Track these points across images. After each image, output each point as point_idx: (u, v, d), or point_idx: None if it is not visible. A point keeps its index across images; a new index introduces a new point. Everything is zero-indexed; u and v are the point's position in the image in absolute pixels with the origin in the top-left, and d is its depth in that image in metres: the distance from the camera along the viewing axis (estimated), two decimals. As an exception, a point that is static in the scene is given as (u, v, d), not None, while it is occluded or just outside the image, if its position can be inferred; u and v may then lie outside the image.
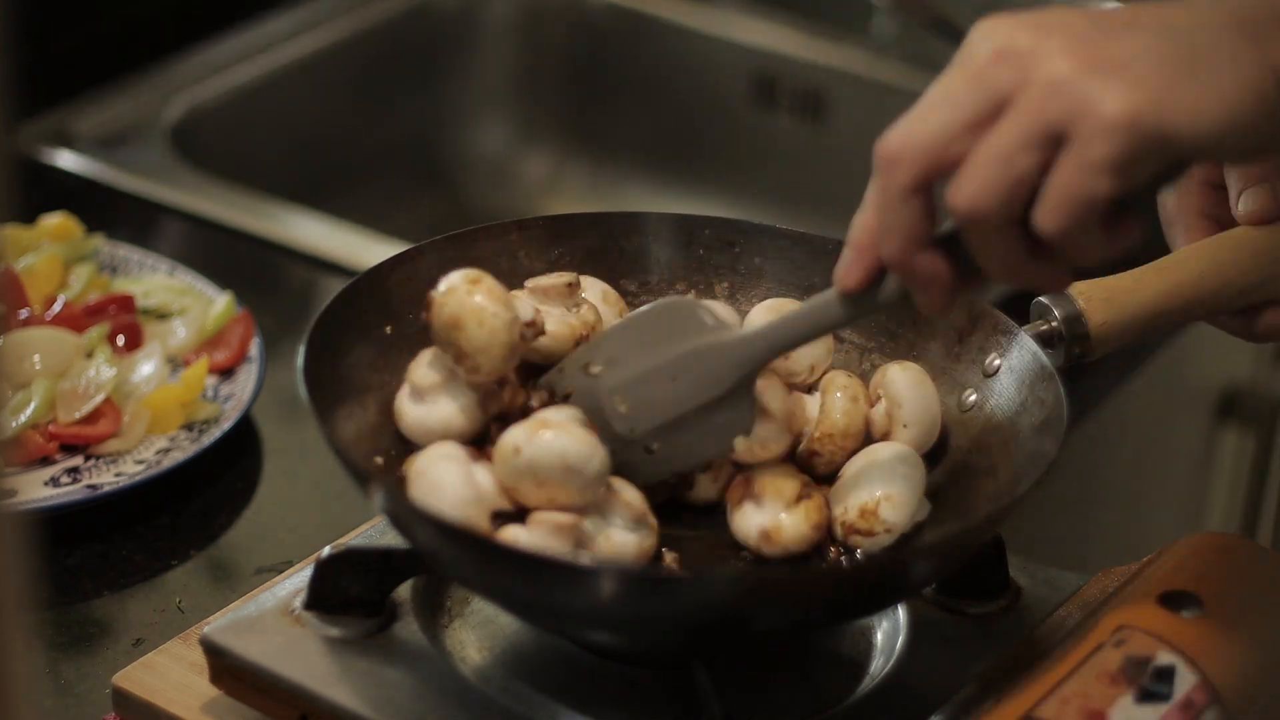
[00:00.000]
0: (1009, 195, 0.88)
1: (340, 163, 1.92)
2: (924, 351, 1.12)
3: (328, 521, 1.25)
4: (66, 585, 1.20)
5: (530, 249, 1.15)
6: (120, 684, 1.05)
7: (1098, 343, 1.08)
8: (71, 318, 1.35)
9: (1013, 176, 0.88)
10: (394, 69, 1.95)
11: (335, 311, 1.06)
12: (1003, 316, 1.09)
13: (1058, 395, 1.03)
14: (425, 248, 1.12)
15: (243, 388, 1.33)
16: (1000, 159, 0.88)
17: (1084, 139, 0.87)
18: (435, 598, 1.07)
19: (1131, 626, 0.99)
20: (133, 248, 1.44)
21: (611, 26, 2.00)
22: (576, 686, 1.02)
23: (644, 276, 1.16)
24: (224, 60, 1.82)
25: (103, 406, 1.29)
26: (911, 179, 0.90)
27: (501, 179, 2.03)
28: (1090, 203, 0.87)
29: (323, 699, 1.00)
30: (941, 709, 0.98)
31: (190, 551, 1.24)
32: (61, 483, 1.25)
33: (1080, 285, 1.09)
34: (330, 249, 1.57)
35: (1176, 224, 1.12)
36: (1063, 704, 0.95)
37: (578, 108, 2.04)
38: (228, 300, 1.38)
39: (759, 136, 1.95)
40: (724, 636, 1.00)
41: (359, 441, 1.05)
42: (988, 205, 0.89)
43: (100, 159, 1.66)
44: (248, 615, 1.04)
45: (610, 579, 0.94)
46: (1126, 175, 0.87)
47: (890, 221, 0.92)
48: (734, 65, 1.95)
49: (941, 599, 1.07)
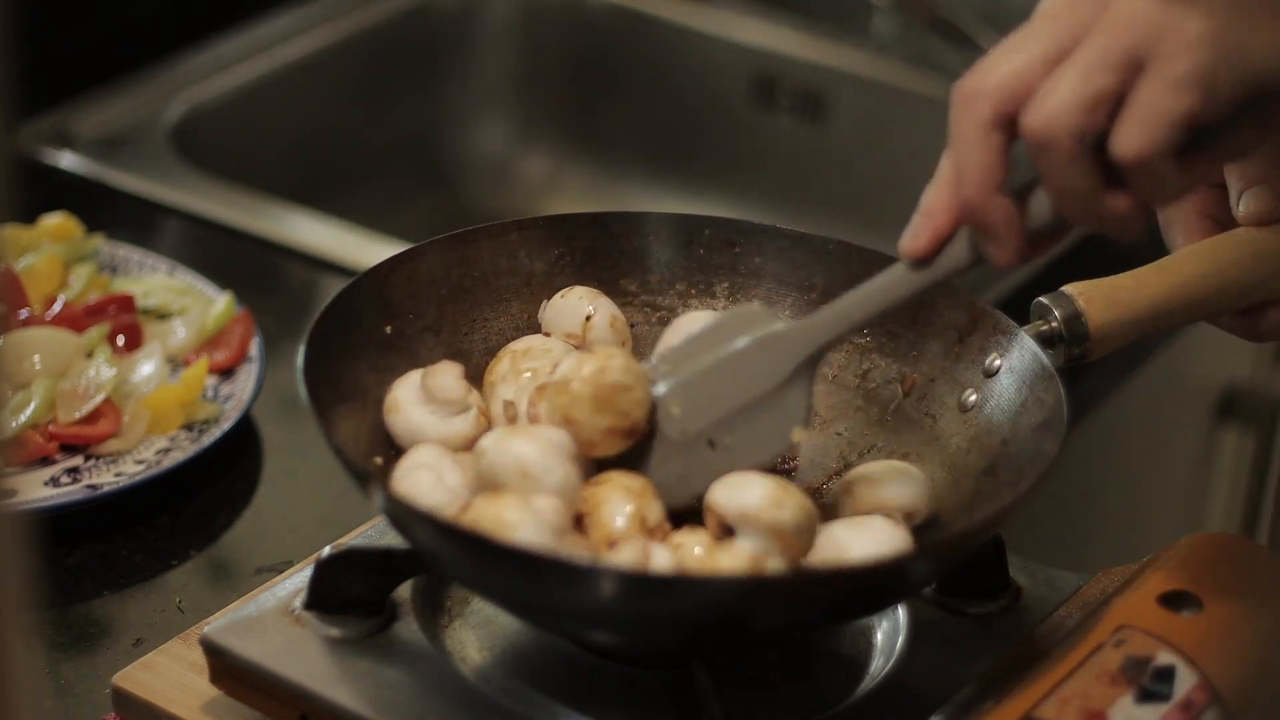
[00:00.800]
0: (1086, 114, 0.88)
1: (340, 163, 1.92)
2: (924, 351, 1.12)
3: (328, 521, 1.25)
4: (66, 585, 1.20)
5: (530, 249, 1.15)
6: (120, 684, 1.05)
7: (1098, 343, 1.08)
8: (71, 318, 1.35)
9: (1091, 94, 0.87)
10: (394, 69, 1.95)
11: (335, 312, 1.06)
12: (1003, 316, 1.09)
13: (1058, 395, 1.03)
14: (425, 248, 1.12)
15: (243, 388, 1.33)
16: (1079, 76, 0.87)
17: (1166, 56, 0.86)
18: (435, 598, 1.07)
19: (1131, 626, 0.99)
20: (133, 248, 1.44)
21: (611, 26, 2.00)
22: (576, 686, 1.02)
23: (644, 276, 1.16)
24: (224, 60, 1.82)
25: (103, 406, 1.29)
26: (989, 114, 0.89)
27: (501, 179, 2.03)
28: (1172, 120, 0.87)
29: (323, 699, 1.00)
30: (941, 709, 0.98)
31: (190, 551, 1.24)
32: (61, 483, 1.25)
33: (1080, 285, 1.09)
34: (330, 249, 1.57)
35: (1176, 224, 1.11)
36: (1063, 704, 0.95)
37: (578, 108, 2.04)
38: (228, 300, 1.38)
39: (759, 136, 1.95)
40: (724, 636, 1.00)
41: (359, 441, 1.05)
42: (1063, 124, 0.88)
43: (100, 159, 1.66)
44: (248, 615, 1.04)
45: (610, 579, 0.93)
46: (1208, 91, 0.87)
47: (967, 160, 0.91)
48: (734, 65, 1.95)
49: (941, 599, 1.07)
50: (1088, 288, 1.08)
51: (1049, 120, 0.88)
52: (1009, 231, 0.92)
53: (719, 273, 1.16)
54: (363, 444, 1.05)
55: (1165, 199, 0.91)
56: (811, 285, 1.14)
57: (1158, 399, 1.75)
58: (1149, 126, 0.87)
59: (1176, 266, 1.09)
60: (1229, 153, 0.95)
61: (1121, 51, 0.87)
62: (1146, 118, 0.87)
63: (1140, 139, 0.87)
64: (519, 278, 1.15)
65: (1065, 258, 1.57)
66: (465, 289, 1.13)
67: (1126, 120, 0.88)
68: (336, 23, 1.90)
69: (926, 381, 1.12)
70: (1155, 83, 0.87)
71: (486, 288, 1.14)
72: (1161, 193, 0.90)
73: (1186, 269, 1.09)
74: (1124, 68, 0.88)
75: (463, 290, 1.13)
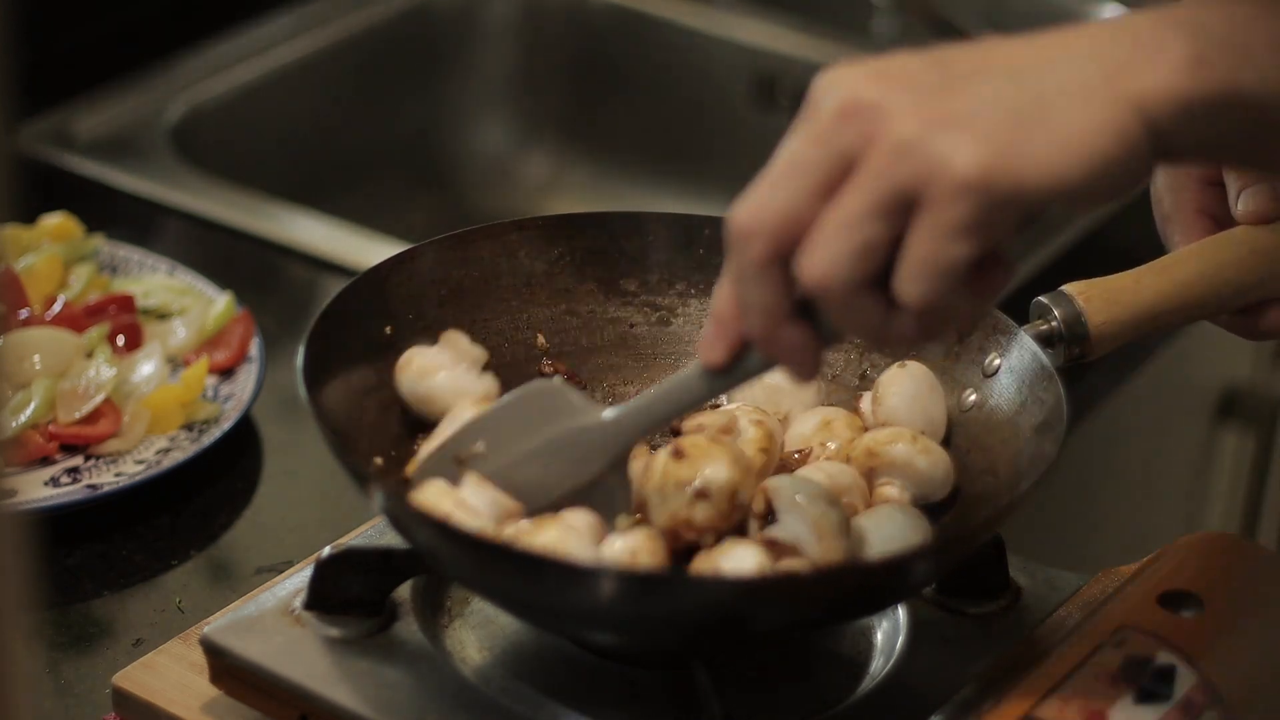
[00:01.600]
0: (859, 265, 0.85)
1: (340, 163, 1.92)
2: (923, 351, 1.12)
3: (328, 521, 1.25)
4: (66, 585, 1.20)
5: (530, 249, 1.15)
6: (120, 684, 1.05)
7: (1097, 342, 1.08)
8: (71, 318, 1.35)
9: (862, 246, 0.85)
10: (394, 69, 1.95)
11: (335, 312, 1.06)
12: (1002, 316, 1.09)
13: (1058, 395, 1.03)
14: (424, 248, 1.12)
15: (243, 388, 1.33)
16: (848, 228, 0.85)
17: (936, 203, 0.83)
18: (435, 598, 1.07)
19: (1131, 626, 0.99)
20: (133, 248, 1.44)
21: (611, 26, 2.00)
22: (576, 686, 1.02)
23: (644, 276, 1.16)
24: (224, 60, 1.82)
25: (103, 406, 1.29)
26: (764, 255, 0.87)
27: (501, 179, 2.03)
28: (951, 268, 0.84)
29: (323, 699, 1.00)
30: (941, 709, 0.98)
31: (190, 551, 1.24)
32: (61, 483, 1.25)
33: (1080, 285, 1.09)
34: (330, 249, 1.57)
35: (1173, 221, 1.11)
36: (1063, 704, 0.95)
37: (578, 108, 2.04)
38: (228, 300, 1.38)
39: (759, 136, 1.95)
40: (724, 636, 1.00)
41: (359, 442, 1.05)
42: (837, 276, 0.85)
43: (100, 159, 1.66)
44: (248, 615, 1.04)
45: (610, 579, 0.93)
46: (983, 235, 0.84)
47: (749, 298, 0.89)
48: (734, 65, 1.95)
49: (941, 599, 1.07)
50: (1087, 287, 1.08)
51: (823, 274, 0.85)
52: (804, 355, 0.90)
53: (719, 273, 1.16)
54: (362, 444, 1.05)
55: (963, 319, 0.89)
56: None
57: (1158, 399, 1.75)
58: (928, 277, 0.84)
59: (1175, 266, 1.09)
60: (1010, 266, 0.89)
61: (890, 196, 0.84)
62: (922, 270, 0.84)
63: (920, 289, 0.85)
64: (519, 278, 1.15)
65: (1065, 257, 1.57)
66: (465, 289, 1.13)
67: (904, 271, 0.85)
68: (336, 23, 1.90)
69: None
70: (928, 233, 0.84)
71: (486, 288, 1.14)
72: (956, 319, 0.88)
73: (1185, 268, 1.09)
74: (894, 212, 0.84)
75: (462, 291, 1.13)
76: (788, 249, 0.87)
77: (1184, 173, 1.11)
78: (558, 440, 1.02)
